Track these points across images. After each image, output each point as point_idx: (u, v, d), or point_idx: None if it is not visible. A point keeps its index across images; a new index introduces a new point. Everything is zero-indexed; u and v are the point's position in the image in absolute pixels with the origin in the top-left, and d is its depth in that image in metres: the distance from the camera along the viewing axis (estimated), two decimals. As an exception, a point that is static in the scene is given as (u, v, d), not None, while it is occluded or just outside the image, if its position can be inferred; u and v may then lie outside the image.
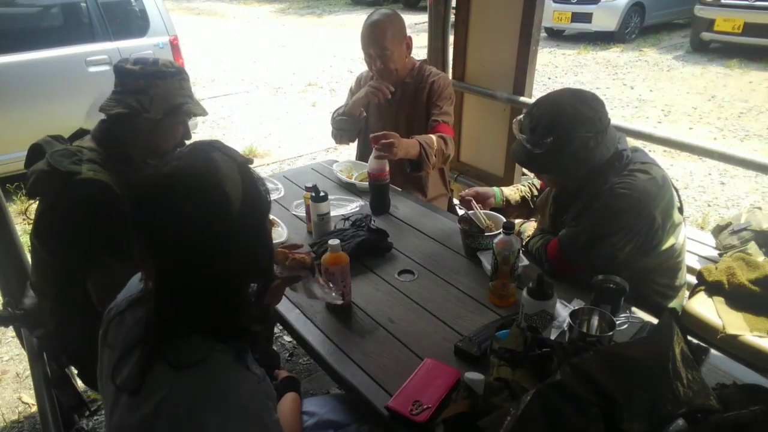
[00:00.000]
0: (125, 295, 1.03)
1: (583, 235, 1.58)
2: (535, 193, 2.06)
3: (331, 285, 1.40)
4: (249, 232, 0.92)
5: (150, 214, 0.87)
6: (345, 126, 2.50)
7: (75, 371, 1.94)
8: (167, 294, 0.90)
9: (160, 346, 0.89)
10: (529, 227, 1.92)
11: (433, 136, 2.29)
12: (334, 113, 2.58)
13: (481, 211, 1.85)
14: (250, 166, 0.96)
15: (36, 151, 1.57)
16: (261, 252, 0.97)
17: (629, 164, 1.58)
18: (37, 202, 1.57)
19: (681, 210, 1.69)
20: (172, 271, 0.89)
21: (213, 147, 0.93)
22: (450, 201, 2.78)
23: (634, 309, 1.50)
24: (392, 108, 2.45)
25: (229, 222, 0.87)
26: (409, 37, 2.36)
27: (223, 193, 0.87)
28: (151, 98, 1.50)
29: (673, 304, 1.75)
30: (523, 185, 2.11)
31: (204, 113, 1.62)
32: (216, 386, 0.88)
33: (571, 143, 1.51)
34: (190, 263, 0.88)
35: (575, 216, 1.64)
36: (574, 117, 1.50)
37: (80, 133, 1.66)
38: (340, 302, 1.45)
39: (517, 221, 1.98)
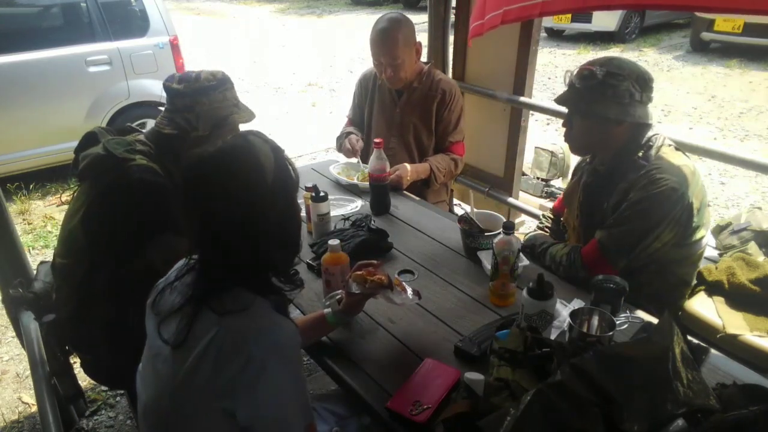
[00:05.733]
0: (173, 271, 1.18)
1: (630, 237, 1.56)
2: (548, 224, 2.04)
3: (408, 289, 1.40)
4: (280, 204, 1.05)
5: (198, 183, 1.02)
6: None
7: (78, 364, 1.95)
8: (211, 255, 1.05)
9: (206, 300, 1.01)
10: (539, 237, 1.90)
11: (447, 158, 2.42)
12: (341, 133, 2.60)
13: (482, 211, 1.85)
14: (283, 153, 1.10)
15: (89, 138, 1.63)
16: (290, 224, 1.11)
17: (662, 146, 1.60)
18: (83, 187, 1.62)
19: None
20: (215, 233, 1.03)
21: (250, 132, 1.10)
22: (450, 205, 2.78)
23: (634, 309, 1.50)
24: (396, 110, 2.44)
25: (264, 192, 1.02)
26: (419, 42, 2.34)
27: (258, 162, 1.02)
28: (198, 115, 1.58)
29: (678, 299, 1.76)
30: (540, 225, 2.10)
31: (251, 118, 1.68)
32: (261, 324, 1.00)
33: (621, 83, 1.53)
34: (230, 225, 1.01)
35: (613, 209, 1.61)
36: (629, 65, 1.57)
37: (129, 130, 1.71)
38: (418, 301, 1.42)
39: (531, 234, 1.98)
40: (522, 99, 2.85)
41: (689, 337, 1.26)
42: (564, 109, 1.70)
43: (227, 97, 1.62)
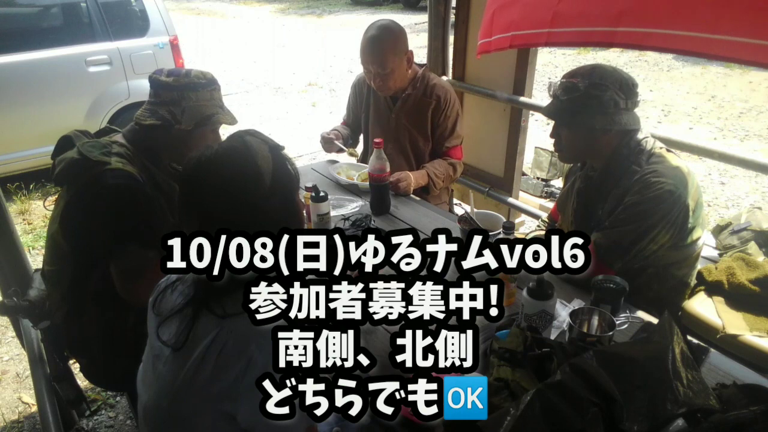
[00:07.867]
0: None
1: (626, 238, 1.56)
2: (545, 228, 2.04)
3: None
4: (280, 203, 1.05)
5: (196, 186, 1.02)
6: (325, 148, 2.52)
7: (77, 367, 1.95)
8: None
9: (207, 301, 1.00)
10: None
11: (445, 163, 2.41)
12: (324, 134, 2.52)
13: (482, 211, 1.85)
14: (282, 151, 1.09)
15: (65, 143, 1.62)
16: (291, 224, 1.07)
17: (653, 150, 1.60)
18: (62, 192, 1.60)
19: None
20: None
21: (248, 133, 1.09)
22: (450, 205, 2.78)
23: (634, 309, 1.50)
24: (392, 116, 2.43)
25: (263, 191, 1.01)
26: (411, 51, 2.31)
27: (256, 166, 1.01)
28: (183, 109, 1.56)
29: (678, 300, 1.76)
30: (539, 227, 2.10)
31: (233, 122, 1.67)
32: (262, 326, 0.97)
33: (604, 93, 1.53)
34: (230, 226, 0.97)
35: (608, 215, 1.61)
36: (612, 74, 1.56)
37: (107, 130, 1.69)
38: None
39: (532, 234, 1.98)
40: (522, 99, 2.86)
41: (689, 337, 1.26)
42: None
43: (214, 97, 1.62)
